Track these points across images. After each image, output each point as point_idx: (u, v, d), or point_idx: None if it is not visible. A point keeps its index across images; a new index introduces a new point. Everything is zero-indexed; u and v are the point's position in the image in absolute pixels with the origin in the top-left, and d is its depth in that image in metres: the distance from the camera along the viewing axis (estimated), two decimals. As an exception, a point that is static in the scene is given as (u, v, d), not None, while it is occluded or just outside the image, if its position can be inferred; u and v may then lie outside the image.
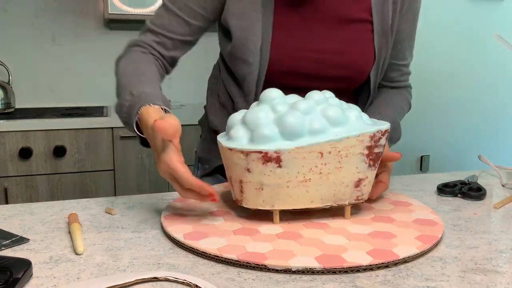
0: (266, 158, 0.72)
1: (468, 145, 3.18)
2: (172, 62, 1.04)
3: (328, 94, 0.82)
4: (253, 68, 0.95)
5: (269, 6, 0.93)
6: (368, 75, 1.01)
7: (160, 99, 0.83)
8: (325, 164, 0.74)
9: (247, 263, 0.64)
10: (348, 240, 0.70)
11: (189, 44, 1.03)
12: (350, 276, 0.62)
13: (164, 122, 0.70)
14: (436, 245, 0.71)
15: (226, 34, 1.01)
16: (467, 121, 3.17)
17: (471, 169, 1.22)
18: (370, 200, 0.84)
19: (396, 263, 0.65)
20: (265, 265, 0.63)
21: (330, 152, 0.73)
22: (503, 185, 1.06)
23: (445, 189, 0.98)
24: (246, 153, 0.73)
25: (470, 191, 0.96)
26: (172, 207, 0.85)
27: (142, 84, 0.87)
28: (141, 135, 0.83)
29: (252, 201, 0.76)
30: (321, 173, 0.75)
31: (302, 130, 0.73)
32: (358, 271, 0.63)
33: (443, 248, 0.71)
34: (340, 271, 0.62)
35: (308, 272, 0.62)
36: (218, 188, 0.95)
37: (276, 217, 0.77)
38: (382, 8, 0.96)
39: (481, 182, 1.08)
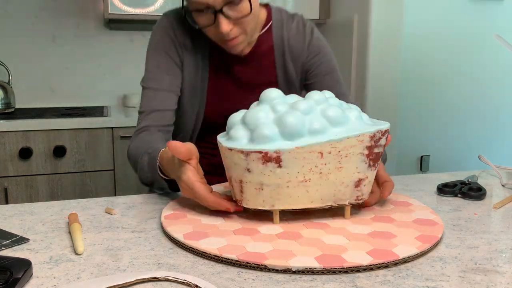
0: (266, 158, 0.72)
1: (468, 145, 3.18)
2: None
3: (328, 94, 0.82)
4: (190, 124, 1.15)
5: (205, 79, 1.13)
6: None
7: None
8: (325, 164, 0.74)
9: (247, 263, 0.64)
10: (348, 240, 0.70)
11: None
12: (350, 276, 0.62)
13: (177, 142, 0.79)
14: (436, 245, 0.71)
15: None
16: (467, 121, 3.17)
17: (471, 169, 1.22)
18: (369, 202, 0.84)
19: (396, 263, 0.65)
20: (265, 265, 0.63)
21: (330, 152, 0.73)
22: (503, 185, 1.06)
23: (445, 189, 0.98)
24: (246, 153, 0.73)
25: (470, 191, 0.96)
26: (172, 207, 0.85)
27: (154, 144, 0.98)
28: (168, 178, 0.91)
29: (252, 201, 0.76)
30: (321, 173, 0.74)
31: (302, 130, 0.73)
32: (358, 271, 0.63)
33: (443, 248, 0.71)
34: (340, 271, 0.62)
35: (308, 272, 0.62)
36: (217, 188, 0.95)
37: (276, 217, 0.77)
38: (284, 69, 1.15)
39: (481, 182, 1.08)
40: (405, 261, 0.65)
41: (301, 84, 1.19)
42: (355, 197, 0.78)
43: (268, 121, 0.75)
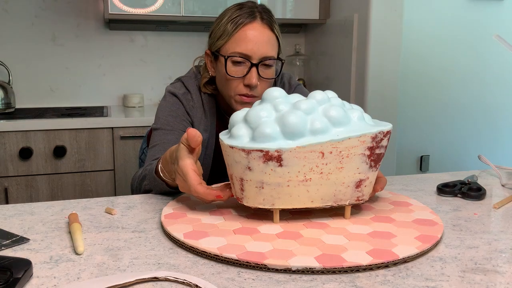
0: (267, 156, 0.72)
1: (468, 145, 3.18)
2: None
3: (330, 94, 0.82)
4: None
5: (212, 142, 1.22)
6: None
7: None
8: (326, 164, 0.74)
9: (247, 262, 0.64)
10: (348, 240, 0.70)
11: None
12: (350, 276, 0.62)
13: (196, 130, 0.79)
14: (435, 245, 0.71)
15: None
16: (467, 121, 3.17)
17: (471, 169, 1.22)
18: (372, 197, 0.84)
19: (396, 263, 0.65)
20: (265, 265, 0.63)
21: (331, 152, 0.73)
22: (503, 185, 1.06)
23: (445, 189, 0.98)
24: (247, 152, 0.73)
25: (470, 191, 0.96)
26: (172, 207, 0.85)
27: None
28: (167, 180, 0.91)
29: (252, 200, 0.76)
30: (321, 173, 0.74)
31: (303, 129, 0.73)
32: (358, 271, 0.63)
33: (443, 248, 0.71)
34: (340, 271, 0.62)
35: (308, 272, 0.62)
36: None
37: (276, 216, 0.77)
38: None
39: (481, 182, 1.08)
40: (405, 261, 0.65)
41: None
42: (355, 198, 0.78)
43: (270, 120, 0.75)
